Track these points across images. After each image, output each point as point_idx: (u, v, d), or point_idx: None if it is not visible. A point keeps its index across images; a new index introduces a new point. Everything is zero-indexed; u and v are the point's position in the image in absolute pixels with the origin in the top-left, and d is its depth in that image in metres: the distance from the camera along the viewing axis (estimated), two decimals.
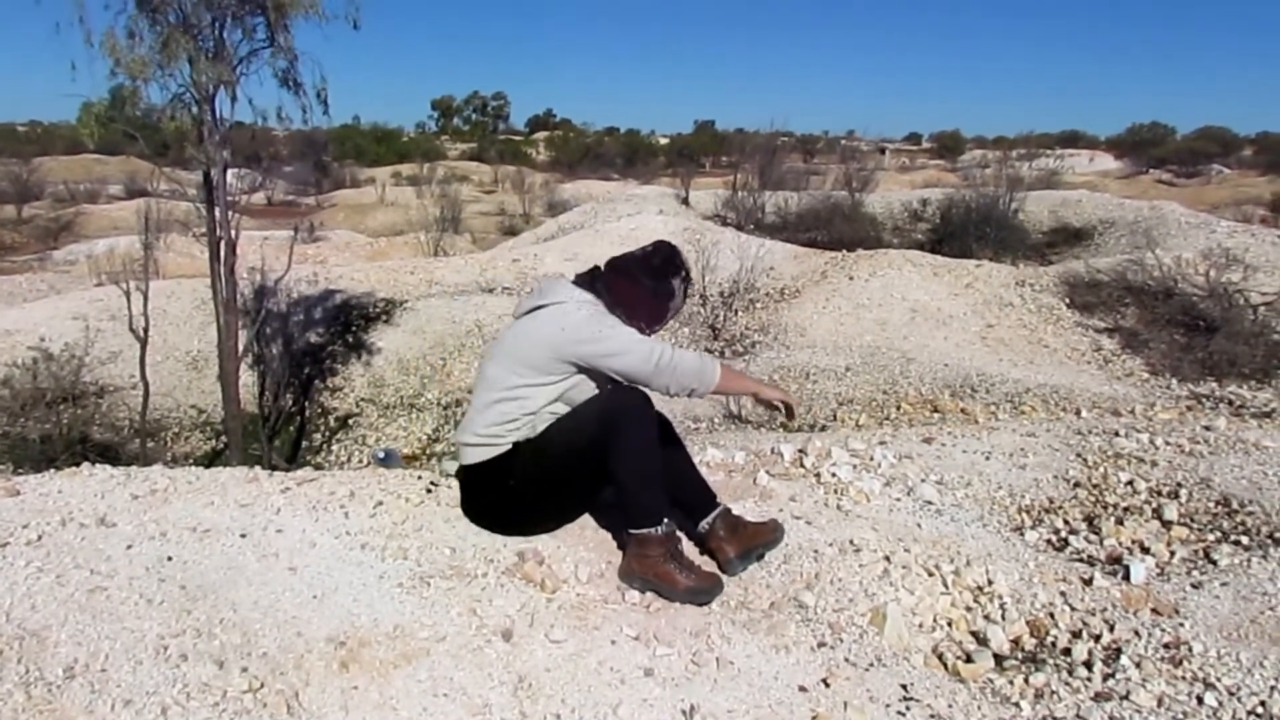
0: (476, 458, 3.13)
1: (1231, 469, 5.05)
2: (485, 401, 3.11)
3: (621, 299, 3.17)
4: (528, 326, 3.12)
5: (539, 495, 3.15)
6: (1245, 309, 10.37)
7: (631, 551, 3.04)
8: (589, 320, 3.06)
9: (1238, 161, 49.20)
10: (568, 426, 3.07)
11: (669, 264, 3.23)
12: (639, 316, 3.18)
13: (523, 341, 3.09)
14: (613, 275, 3.21)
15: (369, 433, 9.20)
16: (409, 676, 2.44)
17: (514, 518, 3.19)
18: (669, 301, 3.23)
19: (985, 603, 3.57)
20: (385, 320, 10.64)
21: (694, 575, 3.04)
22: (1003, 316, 10.89)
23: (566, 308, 3.09)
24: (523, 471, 3.08)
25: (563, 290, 3.17)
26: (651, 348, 3.04)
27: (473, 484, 3.20)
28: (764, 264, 11.97)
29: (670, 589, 2.99)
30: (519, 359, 3.07)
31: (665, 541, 3.03)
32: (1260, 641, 3.27)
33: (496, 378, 3.11)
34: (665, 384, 3.06)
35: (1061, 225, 16.78)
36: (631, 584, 3.01)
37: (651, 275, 3.19)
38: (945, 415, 7.60)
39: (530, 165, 49.20)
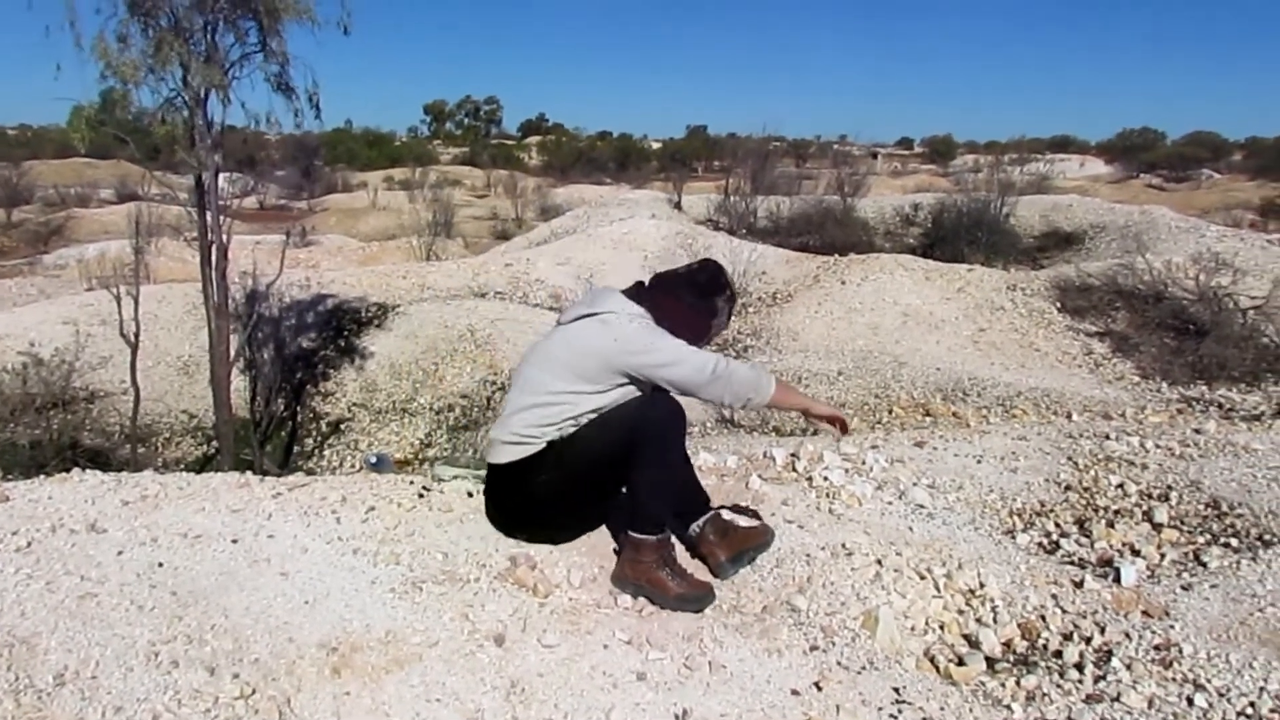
0: (510, 456, 3.11)
1: (1221, 472, 5.07)
2: (526, 404, 3.10)
3: (666, 315, 3.16)
4: (578, 334, 3.11)
5: (562, 496, 3.13)
6: (1234, 313, 10.41)
7: (626, 556, 3.05)
8: (642, 331, 3.06)
9: (1227, 166, 49.45)
10: (598, 430, 3.06)
11: (714, 282, 3.24)
12: (682, 334, 3.16)
13: (573, 349, 3.09)
14: (658, 292, 3.21)
15: (361, 438, 9.18)
16: (401, 682, 2.44)
17: (537, 518, 3.19)
18: (712, 319, 3.23)
19: (977, 606, 3.58)
20: (377, 325, 10.62)
21: (685, 583, 3.05)
22: (994, 320, 10.92)
23: (619, 318, 3.09)
24: (551, 470, 3.07)
25: (614, 300, 3.16)
26: (706, 358, 3.05)
27: (501, 483, 3.18)
28: (756, 268, 12.00)
29: (662, 595, 2.99)
30: (568, 366, 3.07)
31: (659, 548, 3.04)
32: (1250, 643, 3.28)
33: (541, 382, 3.10)
34: (720, 394, 3.06)
35: (1052, 230, 16.85)
36: (624, 589, 3.02)
37: (696, 293, 3.20)
38: (937, 419, 7.62)
39: (523, 169, 49.20)
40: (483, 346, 10.00)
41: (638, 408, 3.07)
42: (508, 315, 10.79)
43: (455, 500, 3.39)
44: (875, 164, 53.98)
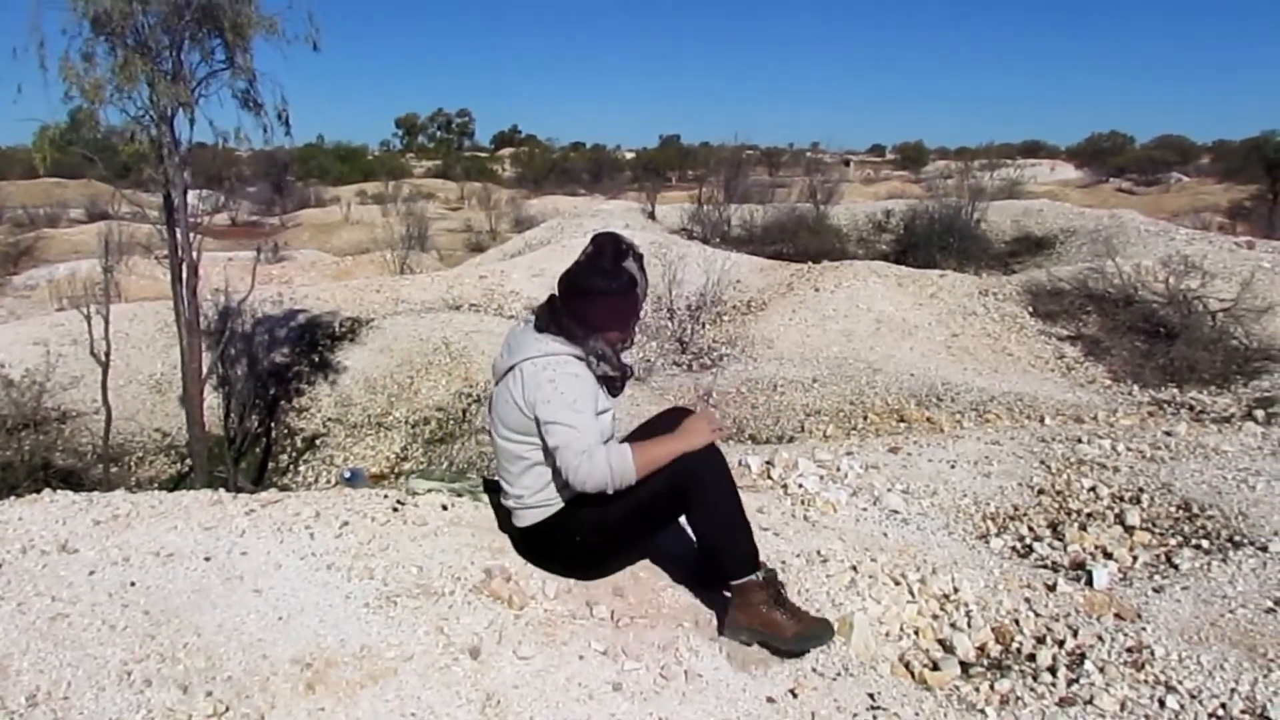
0: (533, 519, 3.05)
1: (1192, 474, 5.13)
2: (513, 469, 3.04)
3: (586, 317, 3.02)
4: (506, 392, 3.01)
5: (607, 547, 3.08)
6: (1204, 315, 10.54)
7: (735, 602, 2.93)
8: (544, 388, 2.91)
9: (1196, 170, 50.05)
10: (640, 487, 2.91)
11: (616, 253, 3.05)
12: (614, 326, 3.06)
13: (507, 409, 3.00)
14: (569, 298, 3.05)
15: (336, 452, 9.13)
16: (376, 697, 2.43)
17: (582, 565, 3.12)
18: (634, 290, 3.07)
19: (951, 610, 3.61)
20: (351, 339, 10.57)
21: (800, 620, 2.95)
22: (967, 326, 11.01)
23: (529, 367, 2.96)
24: (588, 528, 2.98)
25: (529, 344, 3.03)
26: (591, 464, 2.82)
27: (534, 542, 3.11)
28: (730, 277, 12.04)
29: (778, 638, 2.90)
30: (512, 426, 2.99)
31: (767, 586, 2.95)
32: (1221, 644, 3.32)
33: (507, 448, 3.03)
34: (578, 482, 2.85)
35: (1024, 234, 17.00)
36: (738, 637, 2.92)
37: (605, 275, 3.02)
38: (911, 425, 7.67)
39: (496, 182, 49.18)
40: (458, 359, 9.98)
41: (683, 456, 2.92)
42: (482, 327, 10.77)
43: (430, 514, 3.38)
44: (848, 171, 54.33)
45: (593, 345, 3.01)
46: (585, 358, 3.00)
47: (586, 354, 3.00)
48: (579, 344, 3.00)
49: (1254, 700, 2.98)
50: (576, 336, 3.00)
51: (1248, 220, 25.34)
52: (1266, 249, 13.55)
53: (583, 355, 2.99)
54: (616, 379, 3.10)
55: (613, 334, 3.07)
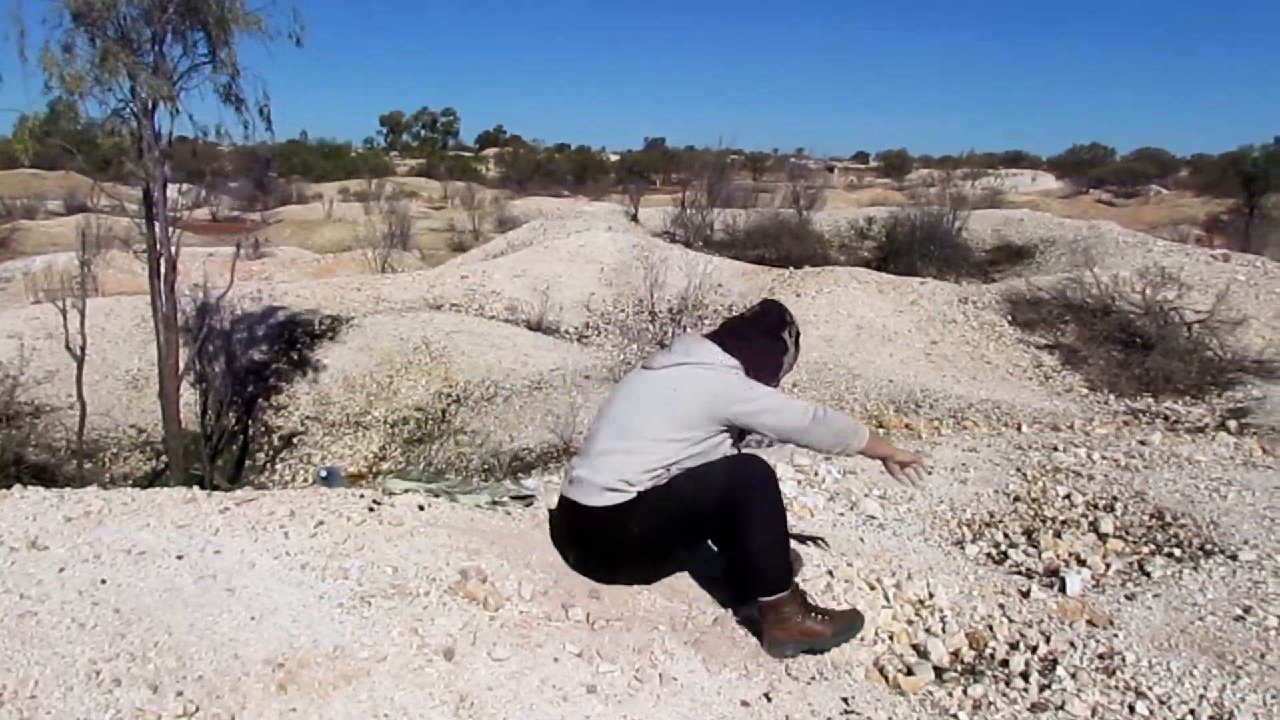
0: (604, 500, 3.09)
1: (1165, 483, 5.17)
2: (621, 448, 3.10)
3: (746, 360, 3.20)
4: (674, 382, 3.14)
5: (653, 547, 3.18)
6: (1180, 326, 10.65)
7: (770, 621, 3.03)
8: (741, 381, 3.13)
9: (1175, 182, 50.52)
10: (692, 486, 3.06)
11: (781, 321, 3.32)
12: (761, 375, 3.22)
13: (671, 396, 3.11)
14: (733, 338, 3.24)
15: (314, 451, 9.09)
16: (349, 698, 2.41)
17: (623, 564, 3.22)
18: (783, 357, 3.31)
19: (926, 616, 3.62)
20: (331, 337, 10.53)
21: (833, 620, 3.11)
22: (946, 333, 11.07)
23: (715, 369, 3.14)
24: (644, 521, 3.07)
25: (707, 351, 3.19)
26: (806, 406, 3.14)
27: (588, 525, 3.17)
28: (712, 280, 12.06)
29: (819, 642, 3.06)
30: (669, 412, 3.10)
31: (794, 598, 3.06)
32: (1190, 651, 3.35)
33: (636, 427, 3.11)
34: (819, 439, 3.13)
35: (1004, 244, 17.11)
36: (784, 653, 3.01)
37: (766, 334, 3.28)
38: (890, 431, 7.70)
39: (480, 181, 49.09)
40: (438, 359, 9.95)
41: (730, 468, 3.08)
42: (463, 327, 10.75)
43: (406, 514, 3.36)
44: (831, 177, 54.58)
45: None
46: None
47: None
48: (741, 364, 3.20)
49: (1222, 706, 3.00)
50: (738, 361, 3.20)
51: (1224, 233, 25.59)
52: (1242, 262, 13.70)
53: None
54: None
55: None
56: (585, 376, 9.74)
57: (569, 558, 3.26)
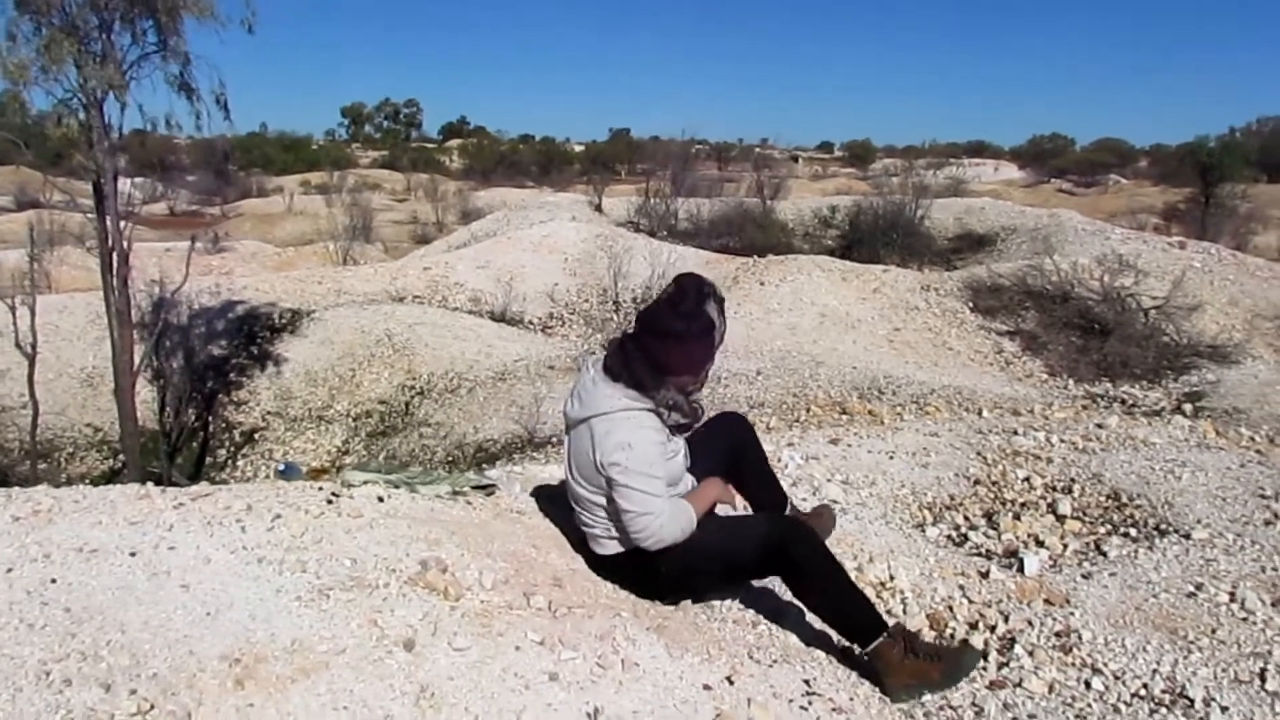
0: (613, 549, 3.13)
1: (1122, 465, 5.25)
2: (591, 508, 3.13)
3: (663, 362, 3.00)
4: (580, 443, 3.09)
5: (691, 585, 3.21)
6: (1137, 312, 10.80)
7: (879, 670, 2.95)
8: (618, 451, 2.97)
9: (1133, 172, 51.21)
10: (723, 544, 3.03)
11: (700, 295, 3.01)
12: (687, 370, 3.06)
13: (583, 459, 3.08)
14: (648, 340, 3.01)
15: (276, 447, 9.00)
16: (307, 691, 2.38)
17: (660, 592, 3.22)
18: (712, 334, 3.04)
19: (888, 598, 3.66)
20: (292, 331, 10.41)
21: (942, 659, 2.95)
22: (909, 320, 11.15)
23: (601, 425, 3.03)
24: (675, 565, 3.06)
25: (600, 399, 3.04)
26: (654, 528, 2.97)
27: (612, 567, 3.20)
28: (676, 270, 12.02)
29: (929, 684, 2.92)
30: (587, 477, 3.08)
31: (898, 641, 2.95)
32: (1144, 628, 3.41)
33: (579, 492, 3.14)
34: (638, 542, 3.02)
35: (966, 232, 17.27)
36: (901, 699, 2.92)
37: (686, 319, 2.99)
38: (853, 417, 7.73)
39: (444, 173, 48.75)
40: (401, 351, 9.88)
41: (765, 528, 3.04)
42: (426, 319, 10.68)
43: (365, 506, 3.33)
44: (796, 167, 54.80)
45: (664, 395, 3.03)
46: (657, 410, 3.03)
47: (658, 405, 3.03)
48: (650, 395, 3.02)
49: (1174, 680, 3.06)
50: (647, 386, 3.01)
51: (1182, 222, 25.98)
52: (1197, 249, 13.92)
53: (654, 409, 3.03)
54: (687, 424, 3.15)
55: (685, 378, 3.07)
56: (549, 367, 9.72)
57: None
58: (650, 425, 3.00)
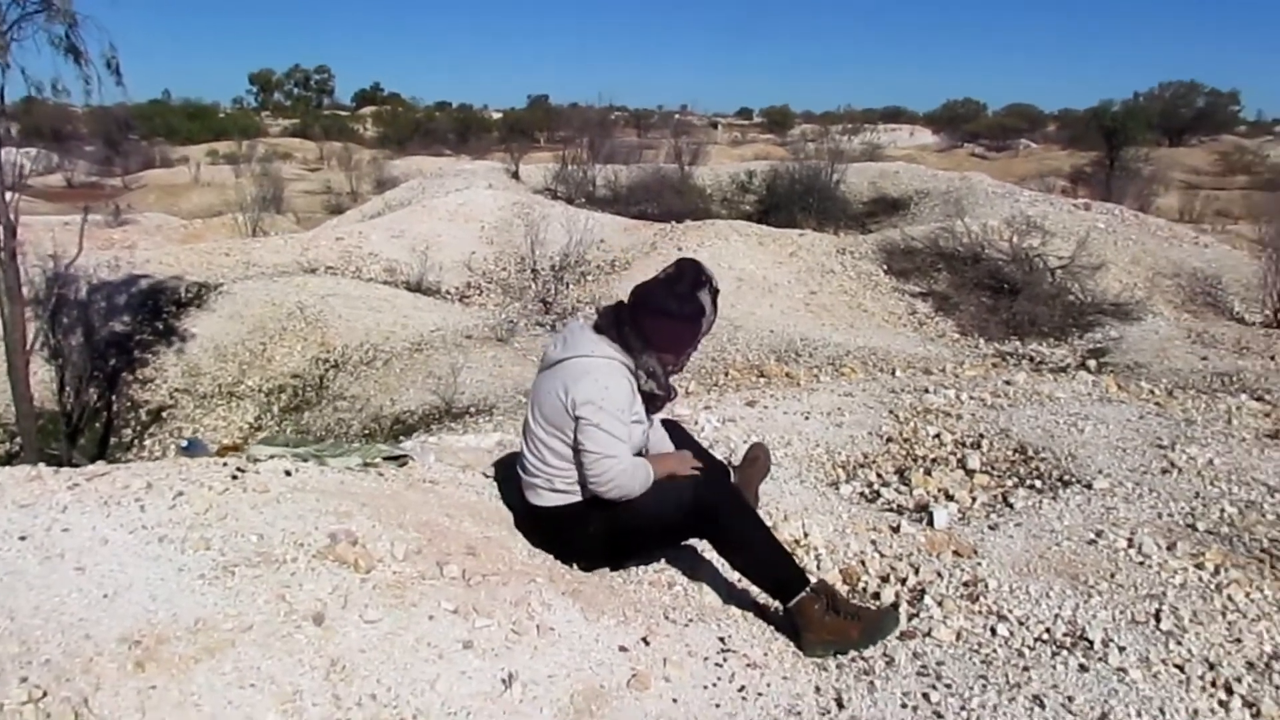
0: (549, 501, 3.17)
1: (1028, 419, 5.40)
2: (544, 454, 3.14)
3: (650, 334, 3.12)
4: (552, 383, 3.12)
5: (620, 546, 3.22)
6: (1044, 272, 11.09)
7: (799, 624, 3.00)
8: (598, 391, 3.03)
9: (1043, 136, 52.42)
10: (653, 505, 3.07)
11: (697, 281, 3.15)
12: (671, 349, 3.17)
13: (549, 399, 3.11)
14: (641, 312, 3.14)
15: (185, 425, 8.74)
16: (212, 670, 2.33)
17: (585, 555, 3.25)
18: (700, 320, 3.16)
19: (802, 555, 3.71)
20: (199, 305, 10.09)
21: (862, 618, 3.02)
22: (825, 283, 11.29)
23: (581, 364, 3.09)
24: (606, 524, 3.11)
25: (585, 342, 3.14)
26: (616, 474, 3.01)
27: (543, 524, 3.24)
28: (594, 236, 12.01)
29: (847, 642, 2.98)
30: (549, 417, 3.11)
31: (820, 596, 3.01)
32: (1047, 575, 3.51)
33: (537, 434, 3.15)
34: (610, 492, 3.05)
35: (880, 196, 17.51)
36: (816, 654, 2.97)
37: (679, 300, 3.12)
38: (771, 380, 7.82)
39: (358, 141, 47.67)
40: (313, 324, 9.65)
41: (693, 491, 3.08)
42: (339, 290, 10.46)
43: (272, 480, 3.25)
44: (715, 133, 54.91)
45: (645, 361, 3.14)
46: (635, 371, 3.13)
47: (637, 368, 3.13)
48: (632, 356, 3.12)
49: (1075, 624, 3.17)
50: (633, 349, 3.12)
51: (1088, 184, 26.71)
52: (1102, 211, 14.33)
53: (633, 368, 3.12)
54: (660, 398, 3.23)
55: (667, 356, 3.18)
56: (467, 336, 9.61)
57: (536, 545, 3.29)
58: (626, 378, 3.11)
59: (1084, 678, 2.87)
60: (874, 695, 2.78)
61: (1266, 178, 29.97)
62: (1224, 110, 49.38)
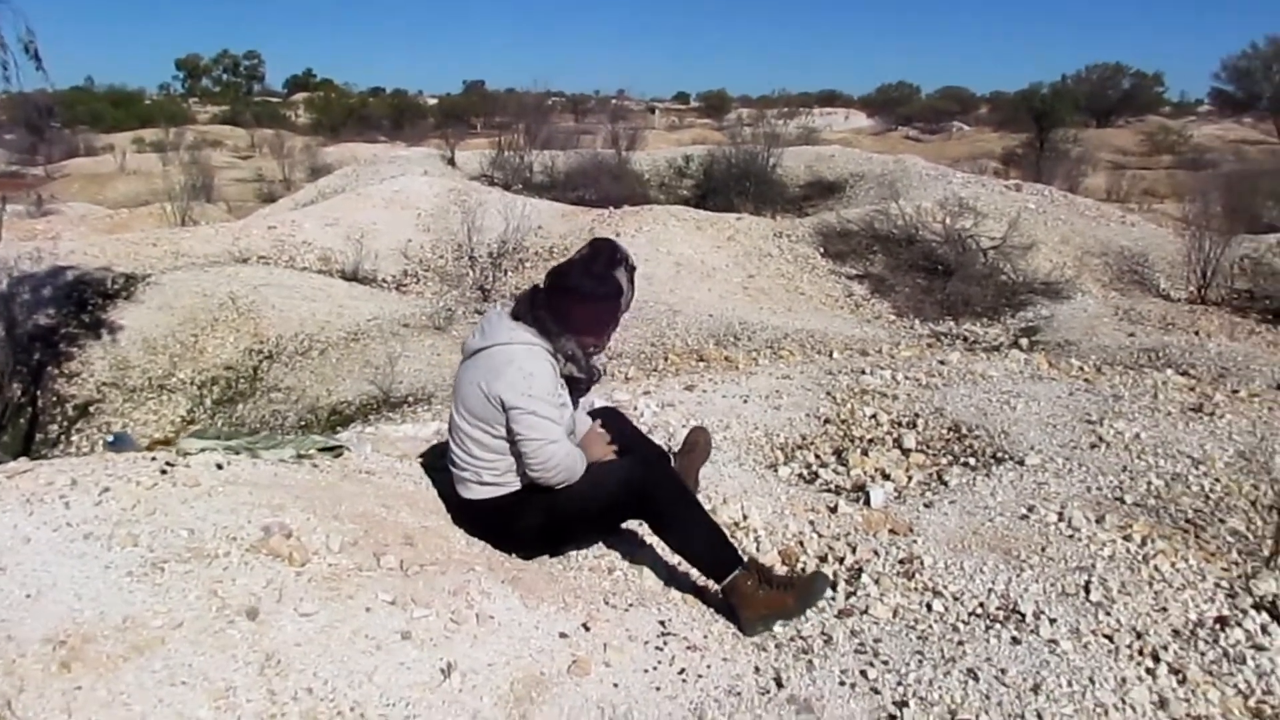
0: (481, 494, 3.15)
1: (962, 398, 5.49)
2: (470, 447, 3.12)
3: (568, 317, 3.11)
4: (473, 374, 3.10)
5: (554, 534, 3.22)
6: (977, 253, 11.28)
7: (734, 603, 3.03)
8: (523, 379, 3.03)
9: (975, 119, 53.15)
10: (588, 489, 3.07)
11: (612, 260, 3.15)
12: (590, 330, 3.16)
13: (471, 390, 3.08)
14: (556, 294, 3.12)
15: (114, 419, 8.50)
16: (141, 668, 2.28)
17: (523, 545, 3.24)
18: (618, 299, 3.16)
19: (741, 537, 3.74)
20: (126, 297, 9.81)
21: (794, 587, 3.08)
22: (762, 267, 11.35)
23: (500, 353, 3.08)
24: (538, 514, 3.11)
25: (501, 330, 3.11)
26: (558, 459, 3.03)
27: (477, 517, 3.23)
28: (531, 223, 11.92)
29: (785, 612, 3.03)
30: (472, 409, 3.08)
31: (752, 572, 3.05)
32: (981, 550, 3.59)
33: (462, 427, 3.12)
34: (548, 479, 3.06)
35: (816, 179, 17.62)
36: (756, 630, 3.00)
37: (595, 280, 3.11)
38: (710, 364, 7.85)
39: (290, 128, 46.66)
40: (246, 314, 9.46)
41: (625, 470, 3.11)
42: (273, 280, 10.25)
43: (203, 474, 3.18)
44: (653, 118, 54.82)
45: (563, 344, 3.13)
46: (554, 354, 3.11)
47: (556, 351, 3.12)
48: (550, 340, 3.11)
49: (1008, 597, 3.24)
50: (550, 332, 3.11)
51: (1019, 165, 27.13)
52: (1032, 191, 14.61)
53: (552, 351, 3.11)
54: (582, 381, 3.23)
55: (587, 338, 3.17)
56: (404, 325, 9.50)
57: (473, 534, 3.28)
58: (548, 361, 3.10)
59: (1016, 650, 2.94)
60: (812, 674, 2.82)
61: (1190, 157, 30.75)
62: (1149, 91, 50.56)
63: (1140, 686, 2.78)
